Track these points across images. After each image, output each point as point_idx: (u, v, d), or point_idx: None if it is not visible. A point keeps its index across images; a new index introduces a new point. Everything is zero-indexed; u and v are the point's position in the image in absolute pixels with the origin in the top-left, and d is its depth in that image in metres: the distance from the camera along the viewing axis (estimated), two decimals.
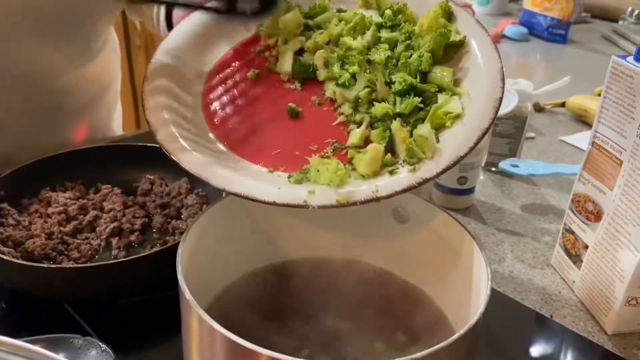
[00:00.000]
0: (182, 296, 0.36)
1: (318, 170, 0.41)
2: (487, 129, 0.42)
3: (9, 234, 0.53)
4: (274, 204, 0.39)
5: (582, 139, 0.92)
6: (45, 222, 0.56)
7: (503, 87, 0.44)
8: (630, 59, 0.49)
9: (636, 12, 1.52)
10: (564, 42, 1.43)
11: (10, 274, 0.48)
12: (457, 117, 0.43)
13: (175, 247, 0.40)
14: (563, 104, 1.03)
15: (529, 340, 0.53)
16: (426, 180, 0.40)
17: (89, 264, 0.52)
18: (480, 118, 0.42)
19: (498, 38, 1.43)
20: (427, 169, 0.40)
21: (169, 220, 0.58)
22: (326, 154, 0.44)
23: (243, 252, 0.49)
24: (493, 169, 0.81)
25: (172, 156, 0.42)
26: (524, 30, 1.45)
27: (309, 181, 0.41)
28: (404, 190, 0.39)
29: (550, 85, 0.89)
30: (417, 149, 0.41)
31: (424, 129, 0.42)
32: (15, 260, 0.47)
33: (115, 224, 0.56)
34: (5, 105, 0.69)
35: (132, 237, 0.56)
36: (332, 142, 0.45)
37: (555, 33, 1.43)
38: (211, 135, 0.46)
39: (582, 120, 0.99)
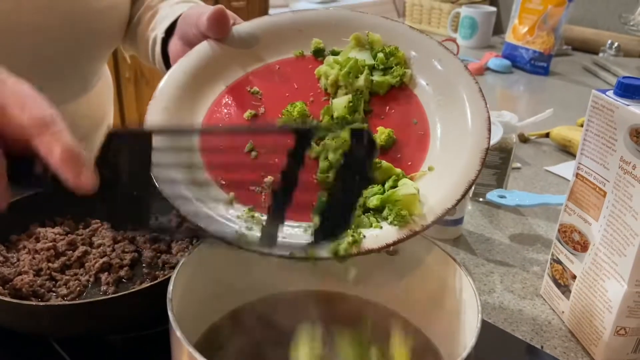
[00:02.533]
0: (173, 333, 0.36)
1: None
2: (474, 181, 0.43)
3: None
4: (262, 252, 0.40)
5: (566, 168, 0.93)
6: (34, 258, 0.55)
7: (489, 138, 0.45)
8: (610, 93, 0.50)
9: (615, 44, 1.57)
10: (546, 74, 1.47)
11: None
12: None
13: (165, 282, 0.40)
14: (547, 135, 1.05)
15: None
16: (415, 233, 0.41)
17: (77, 301, 0.51)
18: (467, 170, 0.44)
19: (482, 70, 1.47)
20: (416, 221, 0.42)
21: (159, 254, 0.58)
22: None
23: (234, 285, 0.49)
24: (480, 199, 0.82)
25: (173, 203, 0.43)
26: (507, 62, 1.49)
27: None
28: (394, 243, 0.41)
29: (534, 117, 0.91)
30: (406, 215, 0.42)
31: (410, 188, 0.43)
32: (2, 298, 0.47)
33: (105, 259, 0.56)
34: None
35: (122, 273, 0.55)
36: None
37: (538, 65, 1.47)
38: (212, 182, 0.47)
39: (566, 150, 1.01)
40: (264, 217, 0.44)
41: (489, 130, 0.45)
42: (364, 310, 0.51)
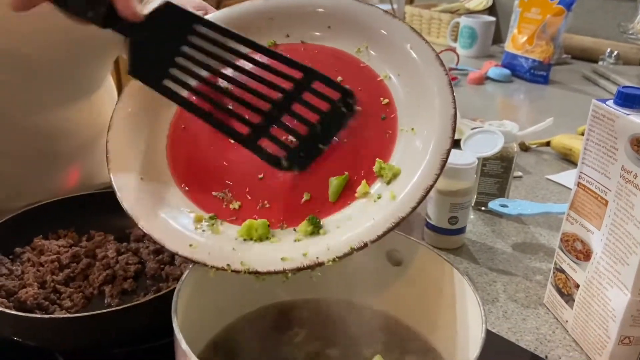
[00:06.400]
0: (178, 345, 0.36)
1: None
2: (431, 187, 0.40)
3: (2, 284, 0.53)
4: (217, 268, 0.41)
5: (567, 177, 0.93)
6: (38, 270, 0.56)
7: (452, 138, 0.42)
8: (611, 102, 0.50)
9: (615, 52, 1.58)
10: (545, 83, 1.47)
11: (2, 324, 0.47)
12: (395, 175, 0.43)
13: (169, 293, 0.40)
14: (548, 143, 1.05)
15: None
16: (365, 245, 0.39)
17: (81, 314, 0.51)
18: (426, 175, 0.41)
19: (482, 79, 1.47)
20: (369, 231, 0.40)
21: (162, 266, 0.58)
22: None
23: (237, 296, 0.49)
24: (482, 208, 0.82)
25: (135, 221, 0.43)
26: (506, 72, 1.50)
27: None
28: (345, 255, 0.39)
29: (535, 126, 0.91)
30: None
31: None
32: (7, 310, 0.47)
33: (108, 271, 0.56)
34: (1, 151, 0.69)
35: (125, 285, 0.55)
36: None
37: (537, 74, 1.48)
38: (175, 186, 0.46)
39: (567, 158, 1.01)
40: (223, 226, 0.44)
41: (453, 129, 0.42)
42: (369, 318, 0.51)
